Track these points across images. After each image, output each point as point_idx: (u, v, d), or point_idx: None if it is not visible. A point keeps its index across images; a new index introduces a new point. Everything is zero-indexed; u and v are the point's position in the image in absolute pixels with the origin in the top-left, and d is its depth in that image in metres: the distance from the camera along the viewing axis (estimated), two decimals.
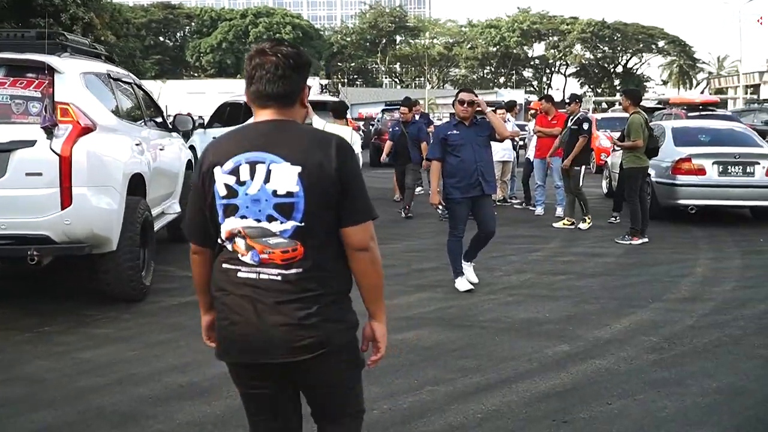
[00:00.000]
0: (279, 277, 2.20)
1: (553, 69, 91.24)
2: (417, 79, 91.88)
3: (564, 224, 10.58)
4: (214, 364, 4.78)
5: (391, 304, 6.30)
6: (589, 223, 10.36)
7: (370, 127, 26.57)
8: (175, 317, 5.89)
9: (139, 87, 7.53)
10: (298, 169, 2.18)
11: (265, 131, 2.25)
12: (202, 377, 4.56)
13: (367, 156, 20.44)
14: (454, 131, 6.64)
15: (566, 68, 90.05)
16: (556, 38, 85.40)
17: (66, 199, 5.19)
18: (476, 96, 6.73)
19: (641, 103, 10.44)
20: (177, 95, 54.57)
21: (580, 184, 10.48)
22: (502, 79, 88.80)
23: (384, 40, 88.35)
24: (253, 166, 2.20)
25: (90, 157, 5.33)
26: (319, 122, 8.75)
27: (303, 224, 2.19)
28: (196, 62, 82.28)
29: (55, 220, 5.20)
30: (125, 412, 4.06)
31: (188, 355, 4.98)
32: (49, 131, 5.14)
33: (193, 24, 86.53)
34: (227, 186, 2.22)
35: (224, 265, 2.27)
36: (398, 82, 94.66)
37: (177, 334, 5.45)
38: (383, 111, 23.20)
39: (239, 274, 2.23)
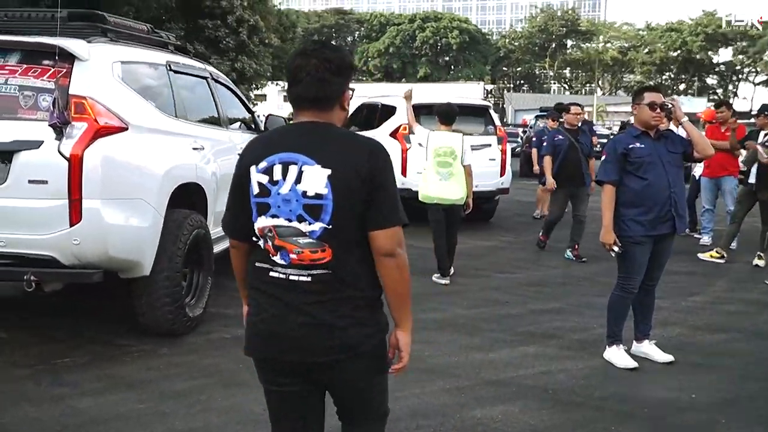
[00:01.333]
0: (309, 278, 2.20)
1: (740, 76, 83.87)
2: (587, 84, 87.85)
3: (712, 256, 8.84)
4: None
5: (485, 359, 4.97)
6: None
7: (523, 134, 24.83)
8: (215, 356, 4.87)
9: (218, 81, 6.57)
10: (328, 171, 2.17)
11: (301, 133, 2.26)
12: None
13: (516, 165, 18.77)
14: (638, 144, 4.85)
15: (755, 76, 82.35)
16: (744, 43, 78.28)
17: (75, 214, 4.24)
18: (665, 97, 4.95)
19: None
20: None
21: None
22: (682, 86, 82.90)
23: (554, 45, 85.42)
24: (285, 166, 2.21)
25: (107, 163, 4.35)
26: (422, 132, 7.51)
27: (330, 226, 2.17)
28: (363, 66, 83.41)
29: (61, 239, 4.26)
30: None
31: (200, 417, 3.93)
32: (59, 130, 4.24)
33: (362, 29, 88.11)
34: (260, 184, 2.23)
35: (257, 264, 2.29)
36: (567, 87, 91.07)
37: (204, 382, 4.42)
38: (536, 117, 21.40)
39: (270, 274, 2.25)
